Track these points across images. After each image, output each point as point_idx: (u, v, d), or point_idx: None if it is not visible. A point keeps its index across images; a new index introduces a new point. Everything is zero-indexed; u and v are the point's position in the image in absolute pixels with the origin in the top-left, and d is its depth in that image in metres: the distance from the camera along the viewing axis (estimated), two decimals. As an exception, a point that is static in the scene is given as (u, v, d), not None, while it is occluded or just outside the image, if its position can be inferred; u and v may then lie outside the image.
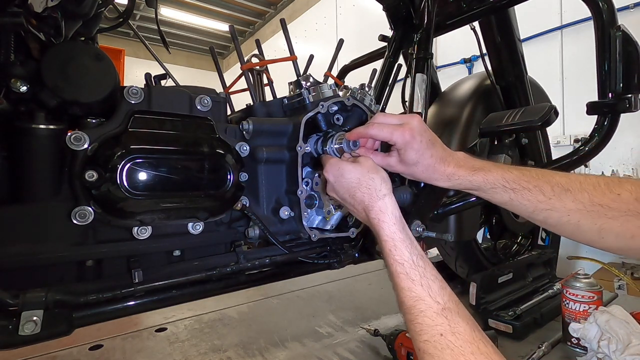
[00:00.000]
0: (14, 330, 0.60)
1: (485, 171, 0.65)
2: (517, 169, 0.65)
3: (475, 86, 1.52)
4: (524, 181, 0.62)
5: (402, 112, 1.28)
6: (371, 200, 0.62)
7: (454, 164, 0.68)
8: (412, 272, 0.54)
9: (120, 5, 1.04)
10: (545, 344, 1.11)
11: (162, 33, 1.20)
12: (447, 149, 0.71)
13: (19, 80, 0.62)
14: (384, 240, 0.59)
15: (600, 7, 1.03)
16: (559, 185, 0.59)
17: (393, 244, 0.58)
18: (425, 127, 0.70)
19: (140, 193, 0.66)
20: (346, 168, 0.68)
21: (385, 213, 0.60)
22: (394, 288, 0.57)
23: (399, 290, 0.55)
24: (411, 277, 0.54)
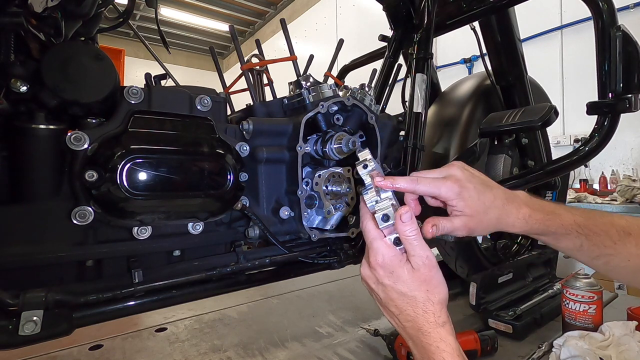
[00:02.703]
0: (14, 330, 0.60)
1: (558, 215, 0.60)
2: (582, 212, 0.60)
3: (475, 86, 1.52)
4: (592, 224, 0.59)
5: (402, 112, 1.28)
6: (426, 325, 0.52)
7: (525, 205, 0.60)
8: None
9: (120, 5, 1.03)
10: (545, 344, 1.11)
11: (162, 33, 1.20)
12: (506, 189, 0.62)
13: (19, 80, 0.62)
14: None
15: (600, 7, 1.03)
16: (621, 228, 0.58)
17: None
18: (471, 171, 0.61)
19: (140, 193, 0.66)
20: (400, 272, 0.53)
21: (447, 342, 0.51)
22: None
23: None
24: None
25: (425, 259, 0.53)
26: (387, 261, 0.54)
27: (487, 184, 0.60)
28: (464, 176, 0.59)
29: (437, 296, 0.53)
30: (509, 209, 0.59)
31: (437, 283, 0.53)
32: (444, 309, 0.53)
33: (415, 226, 0.53)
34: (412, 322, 0.53)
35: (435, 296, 0.53)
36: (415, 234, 0.53)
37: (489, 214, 0.58)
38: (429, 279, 0.53)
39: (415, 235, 0.53)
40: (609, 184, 3.36)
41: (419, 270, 0.53)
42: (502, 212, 0.59)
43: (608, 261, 0.59)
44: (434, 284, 0.53)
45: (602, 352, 0.99)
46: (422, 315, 0.52)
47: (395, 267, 0.53)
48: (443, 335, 0.51)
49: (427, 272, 0.53)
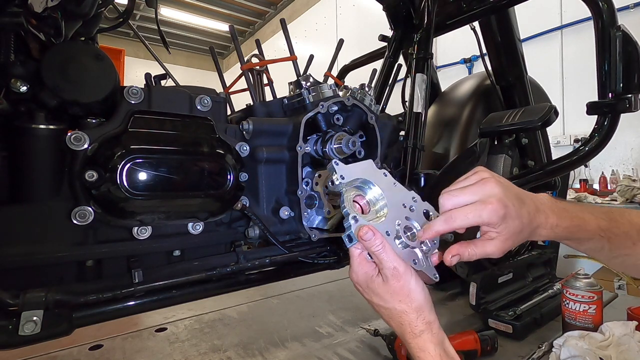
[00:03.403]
0: (14, 330, 0.60)
1: (583, 220, 0.58)
2: (605, 213, 0.59)
3: (475, 86, 1.52)
4: (614, 227, 0.59)
5: (402, 112, 1.28)
6: (406, 335, 0.53)
7: (552, 212, 0.57)
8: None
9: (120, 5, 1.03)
10: (545, 344, 1.11)
11: (162, 33, 1.20)
12: (533, 197, 0.58)
13: (19, 80, 0.62)
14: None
15: (600, 7, 1.03)
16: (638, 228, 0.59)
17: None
18: (504, 182, 0.55)
19: (140, 193, 0.66)
20: (374, 287, 0.55)
21: (425, 352, 0.51)
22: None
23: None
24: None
25: (392, 270, 0.52)
26: (360, 278, 0.56)
27: (520, 197, 0.56)
28: (503, 193, 0.53)
29: (411, 304, 0.53)
30: (538, 220, 0.56)
31: (407, 292, 0.53)
32: (420, 316, 0.53)
33: (379, 240, 0.53)
34: (397, 331, 0.55)
35: (408, 305, 0.53)
36: (380, 248, 0.53)
37: (523, 233, 0.55)
38: (399, 289, 0.53)
39: (380, 249, 0.53)
40: (609, 184, 3.35)
41: (388, 282, 0.53)
42: (533, 227, 0.56)
43: (624, 260, 0.60)
44: (405, 293, 0.53)
45: (602, 352, 0.99)
46: (400, 327, 0.54)
47: (368, 282, 0.55)
48: (421, 344, 0.52)
49: (395, 283, 0.53)
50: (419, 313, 0.53)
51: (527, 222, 0.55)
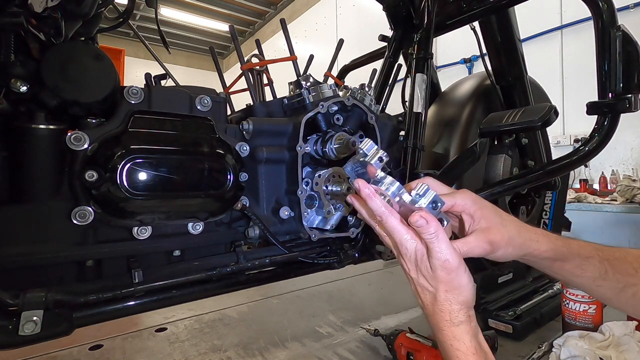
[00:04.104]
0: (14, 330, 0.60)
1: (574, 240, 0.58)
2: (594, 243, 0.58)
3: (475, 86, 1.52)
4: (608, 250, 0.57)
5: (402, 112, 1.28)
6: (440, 323, 0.52)
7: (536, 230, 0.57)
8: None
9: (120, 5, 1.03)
10: (545, 344, 1.11)
11: (162, 33, 1.20)
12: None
13: (19, 80, 0.62)
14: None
15: (600, 7, 1.03)
16: (637, 256, 0.56)
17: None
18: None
19: (140, 193, 0.66)
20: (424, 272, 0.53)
21: (460, 341, 0.50)
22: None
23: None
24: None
25: (443, 262, 0.51)
26: (412, 256, 0.53)
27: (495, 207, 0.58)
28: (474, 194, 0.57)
29: (458, 297, 0.51)
30: (526, 227, 0.57)
31: (457, 285, 0.51)
32: (463, 309, 0.51)
33: (435, 228, 0.50)
34: (431, 316, 0.54)
35: (455, 297, 0.51)
36: (433, 237, 0.51)
37: (507, 226, 0.55)
38: (448, 281, 0.51)
39: (434, 238, 0.51)
40: (609, 184, 3.35)
41: (436, 272, 0.51)
42: (521, 227, 0.56)
43: (635, 292, 0.54)
44: (454, 286, 0.51)
45: (602, 352, 0.99)
46: (439, 313, 0.52)
47: (418, 260, 0.53)
48: (457, 334, 0.51)
49: (444, 275, 0.51)
50: (462, 306, 0.52)
51: (508, 219, 0.56)
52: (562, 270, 0.57)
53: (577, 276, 0.57)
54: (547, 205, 1.66)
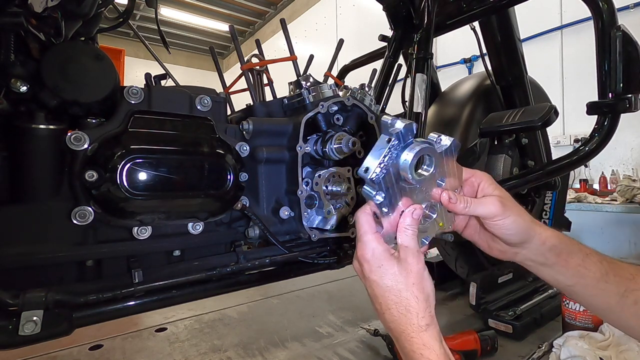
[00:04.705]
0: (14, 330, 0.60)
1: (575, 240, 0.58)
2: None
3: (475, 86, 1.52)
4: (607, 257, 0.56)
5: (402, 112, 1.28)
6: (409, 328, 0.48)
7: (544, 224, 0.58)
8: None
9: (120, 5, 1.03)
10: (545, 344, 1.11)
11: (162, 33, 1.20)
12: None
13: (19, 80, 0.62)
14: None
15: (600, 7, 1.03)
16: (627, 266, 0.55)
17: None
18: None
19: (140, 193, 0.66)
20: (387, 266, 0.50)
21: (431, 349, 0.47)
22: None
23: None
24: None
25: (415, 252, 0.50)
26: (376, 254, 0.51)
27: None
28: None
29: (423, 292, 0.49)
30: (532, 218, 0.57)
31: (422, 277, 0.50)
32: (428, 308, 0.49)
33: (416, 224, 0.51)
34: (396, 322, 0.49)
35: (420, 292, 0.49)
36: (413, 228, 0.51)
37: (518, 206, 0.55)
38: (416, 272, 0.49)
39: (412, 229, 0.51)
40: (609, 184, 3.35)
41: (406, 261, 0.50)
42: (529, 215, 0.56)
43: (637, 299, 0.53)
44: (420, 278, 0.50)
45: (602, 352, 0.99)
46: (405, 315, 0.48)
47: (383, 260, 0.50)
48: (426, 340, 0.47)
49: (414, 264, 0.50)
50: (428, 303, 0.49)
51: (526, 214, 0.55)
52: (567, 266, 0.56)
53: (581, 276, 0.55)
54: (547, 205, 1.66)
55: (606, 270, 0.55)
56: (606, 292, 0.55)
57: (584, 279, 0.56)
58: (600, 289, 0.55)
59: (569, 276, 0.56)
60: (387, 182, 0.49)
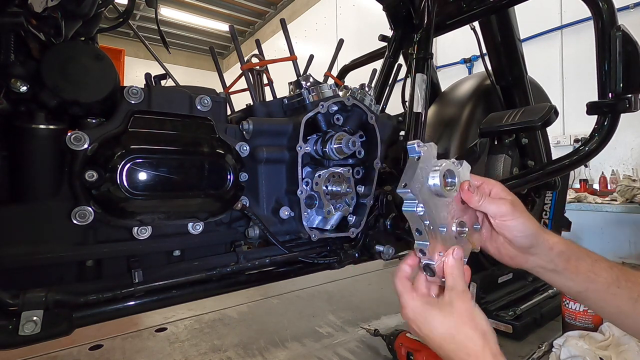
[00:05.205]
0: (14, 330, 0.60)
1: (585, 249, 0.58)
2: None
3: (475, 86, 1.52)
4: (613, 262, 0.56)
5: (402, 112, 1.28)
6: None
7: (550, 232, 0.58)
8: None
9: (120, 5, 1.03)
10: (545, 344, 1.11)
11: (162, 33, 1.20)
12: None
13: (19, 80, 0.62)
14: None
15: (600, 7, 1.03)
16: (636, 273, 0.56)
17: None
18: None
19: (140, 193, 0.66)
20: (433, 316, 0.49)
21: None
22: None
23: None
24: None
25: (460, 292, 0.50)
26: (417, 312, 0.51)
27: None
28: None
29: (477, 329, 0.47)
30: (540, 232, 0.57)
31: (472, 315, 0.48)
32: (487, 345, 0.47)
33: (461, 264, 0.52)
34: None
35: (474, 330, 0.47)
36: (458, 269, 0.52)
37: (528, 212, 0.57)
38: (464, 312, 0.48)
39: (458, 270, 0.52)
40: (609, 184, 3.35)
41: (451, 304, 0.49)
42: (537, 223, 0.57)
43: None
44: (470, 315, 0.48)
45: (602, 352, 0.99)
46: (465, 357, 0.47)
47: (425, 312, 0.50)
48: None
49: (461, 305, 0.49)
50: (485, 340, 0.47)
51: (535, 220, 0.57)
52: (577, 272, 0.56)
53: (592, 281, 0.55)
54: (547, 205, 1.66)
55: (617, 275, 0.55)
56: (618, 297, 0.55)
57: (594, 284, 0.55)
58: (612, 293, 0.55)
59: (579, 282, 0.56)
60: (424, 196, 0.53)
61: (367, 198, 0.99)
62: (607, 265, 0.56)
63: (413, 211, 0.52)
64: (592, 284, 0.56)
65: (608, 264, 0.56)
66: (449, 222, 0.56)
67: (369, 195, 0.99)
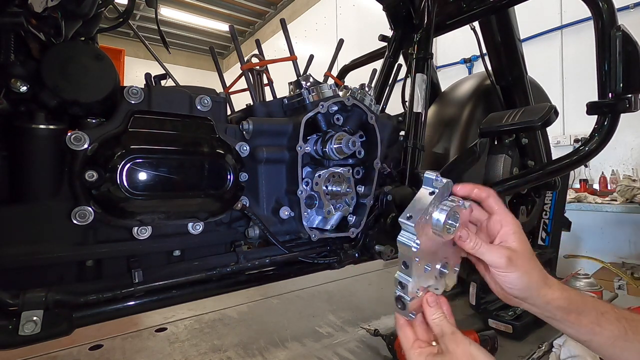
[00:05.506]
0: (14, 330, 0.60)
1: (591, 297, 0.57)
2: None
3: (475, 86, 1.52)
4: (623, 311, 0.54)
5: (402, 112, 1.28)
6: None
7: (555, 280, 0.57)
8: None
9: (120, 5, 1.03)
10: (545, 344, 1.11)
11: (162, 33, 1.20)
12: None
13: (19, 80, 0.62)
14: None
15: (600, 7, 1.03)
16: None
17: None
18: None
19: (140, 193, 0.66)
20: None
21: None
22: None
23: None
24: None
25: (450, 335, 0.50)
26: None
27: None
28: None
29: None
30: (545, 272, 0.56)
31: (472, 352, 0.49)
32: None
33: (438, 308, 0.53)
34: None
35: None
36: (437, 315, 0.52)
37: (533, 260, 0.55)
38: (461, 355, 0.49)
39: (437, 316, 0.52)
40: (609, 184, 3.35)
41: (448, 350, 0.49)
42: (541, 270, 0.55)
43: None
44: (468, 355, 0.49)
45: (602, 352, 0.99)
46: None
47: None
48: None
49: (455, 347, 0.49)
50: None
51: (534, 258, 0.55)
52: (579, 324, 0.54)
53: (595, 333, 0.54)
54: (547, 205, 1.66)
55: (625, 329, 0.53)
56: (627, 350, 0.53)
57: (598, 337, 0.54)
58: (619, 347, 0.53)
59: (582, 333, 0.55)
60: (423, 232, 0.52)
61: (367, 198, 0.99)
62: (615, 317, 0.54)
63: (409, 246, 0.51)
64: (596, 336, 0.54)
65: (616, 315, 0.54)
66: (435, 261, 0.56)
67: (369, 195, 0.99)
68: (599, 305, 0.55)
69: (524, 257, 0.54)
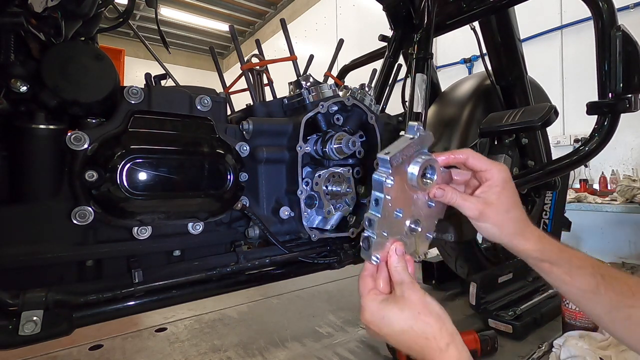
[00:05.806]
0: (14, 330, 0.60)
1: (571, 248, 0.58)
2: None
3: (475, 86, 1.52)
4: (606, 267, 0.55)
5: (402, 112, 1.28)
6: (433, 354, 0.48)
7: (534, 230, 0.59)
8: None
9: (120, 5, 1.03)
10: (545, 344, 1.11)
11: (162, 33, 1.20)
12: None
13: (19, 80, 0.62)
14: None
15: (600, 7, 1.03)
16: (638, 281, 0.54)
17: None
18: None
19: (140, 193, 0.66)
20: (389, 313, 0.51)
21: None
22: None
23: None
24: None
25: (409, 283, 0.52)
26: (374, 312, 0.52)
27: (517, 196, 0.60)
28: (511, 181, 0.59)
29: (431, 314, 0.50)
30: (525, 223, 0.58)
31: (425, 303, 0.51)
32: (443, 326, 0.49)
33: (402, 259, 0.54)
34: (423, 355, 0.50)
35: (428, 316, 0.49)
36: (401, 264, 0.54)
37: (509, 214, 0.57)
38: (417, 301, 0.50)
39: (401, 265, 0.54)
40: (609, 184, 3.35)
41: (403, 297, 0.51)
42: (520, 222, 0.58)
43: (630, 315, 0.52)
44: (423, 302, 0.50)
45: (602, 352, 0.99)
46: (426, 345, 0.49)
47: (382, 311, 0.52)
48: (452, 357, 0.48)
49: (411, 294, 0.51)
50: (442, 322, 0.50)
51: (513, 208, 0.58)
52: (550, 273, 0.58)
53: (565, 283, 0.57)
54: (547, 205, 1.66)
55: (597, 284, 0.54)
56: (594, 303, 0.55)
57: (568, 286, 0.57)
58: (588, 299, 0.56)
59: (552, 279, 0.59)
60: (399, 175, 0.53)
61: (367, 198, 0.99)
62: (590, 273, 0.55)
63: (382, 181, 0.51)
64: (565, 286, 0.57)
65: (592, 271, 0.55)
66: (407, 213, 0.56)
67: (369, 196, 0.99)
68: (576, 260, 0.57)
69: (498, 210, 0.57)
